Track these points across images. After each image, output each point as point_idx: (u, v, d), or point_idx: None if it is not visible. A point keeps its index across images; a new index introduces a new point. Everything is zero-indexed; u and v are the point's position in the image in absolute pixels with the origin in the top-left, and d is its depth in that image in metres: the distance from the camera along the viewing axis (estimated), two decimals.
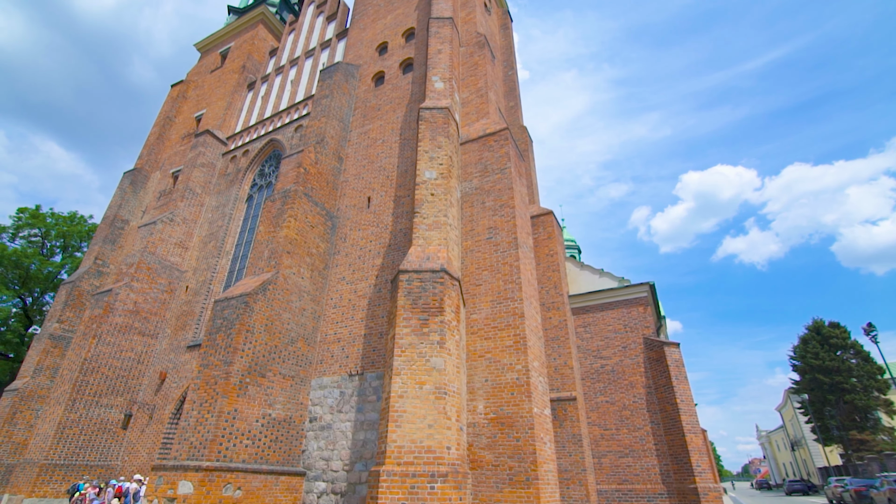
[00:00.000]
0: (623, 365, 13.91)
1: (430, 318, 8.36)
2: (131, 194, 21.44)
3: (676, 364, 12.99)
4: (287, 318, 11.36)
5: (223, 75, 24.50)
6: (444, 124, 11.76)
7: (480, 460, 8.85)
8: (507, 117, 20.21)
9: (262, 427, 10.02)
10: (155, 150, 23.12)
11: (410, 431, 7.39)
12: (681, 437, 12.12)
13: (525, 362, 9.30)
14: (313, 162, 13.81)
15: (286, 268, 11.69)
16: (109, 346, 14.88)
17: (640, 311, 14.38)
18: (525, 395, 9.01)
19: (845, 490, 18.45)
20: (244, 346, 10.03)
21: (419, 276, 8.81)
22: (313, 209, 13.19)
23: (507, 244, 10.83)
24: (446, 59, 13.94)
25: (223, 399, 9.38)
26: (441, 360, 7.96)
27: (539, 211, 16.65)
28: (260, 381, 10.23)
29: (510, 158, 12.02)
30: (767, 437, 57.08)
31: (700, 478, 11.54)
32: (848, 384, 28.54)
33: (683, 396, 12.56)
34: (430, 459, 7.19)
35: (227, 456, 9.14)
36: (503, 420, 9.01)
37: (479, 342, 9.97)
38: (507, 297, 10.19)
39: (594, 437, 13.40)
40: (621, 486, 12.55)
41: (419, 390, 7.70)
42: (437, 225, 10.14)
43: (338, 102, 15.82)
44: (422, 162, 11.10)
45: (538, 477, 8.29)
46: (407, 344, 8.12)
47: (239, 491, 9.04)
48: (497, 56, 22.23)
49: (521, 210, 11.84)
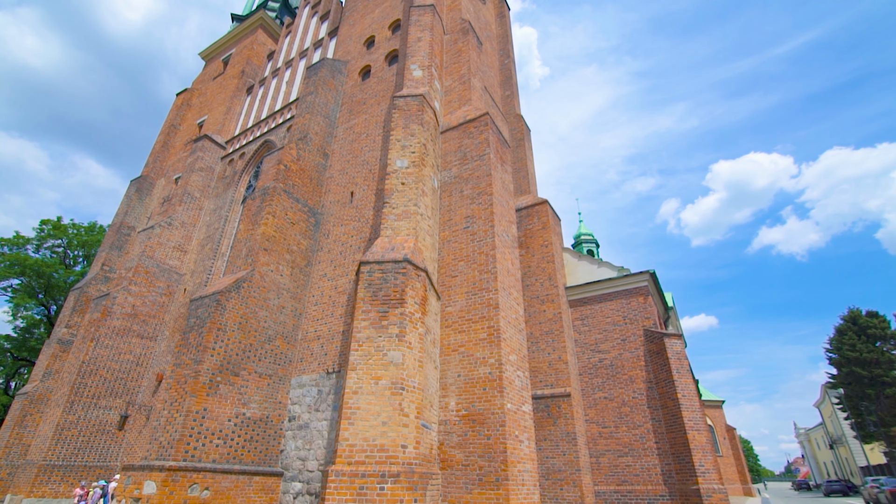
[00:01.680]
0: (622, 359, 13.14)
1: (390, 311, 7.95)
2: (137, 201, 21.94)
3: (678, 356, 12.15)
4: (264, 316, 11.17)
5: (224, 81, 24.84)
6: (417, 112, 11.35)
7: (451, 459, 8.38)
8: (503, 106, 19.63)
9: (234, 427, 9.84)
10: (160, 157, 23.63)
11: (363, 429, 7.00)
12: (683, 435, 11.28)
13: (498, 356, 8.78)
14: (295, 158, 13.64)
15: (263, 265, 11.51)
16: (107, 349, 15.13)
17: (640, 301, 13.56)
18: (497, 391, 8.48)
19: (880, 491, 16.96)
20: (215, 345, 9.88)
21: (381, 266, 8.42)
22: (294, 206, 13.00)
23: (484, 233, 10.33)
24: (426, 47, 13.53)
25: (191, 398, 9.23)
26: (399, 353, 7.54)
27: (533, 200, 16.02)
28: (233, 380, 10.06)
29: (489, 145, 11.50)
30: (806, 434, 53.81)
31: (703, 478, 10.69)
32: (889, 377, 26.44)
33: (685, 391, 11.71)
34: (382, 458, 6.78)
35: (196, 456, 8.98)
36: (474, 417, 8.51)
37: (453, 336, 9.51)
38: (483, 288, 9.68)
39: (592, 435, 12.69)
40: (620, 486, 11.80)
41: (374, 386, 7.30)
42: (407, 215, 9.73)
43: (323, 99, 15.64)
44: (393, 151, 10.73)
45: (508, 477, 7.75)
46: (364, 338, 7.74)
47: (206, 491, 8.86)
48: (493, 45, 21.67)
49: (502, 198, 11.29)
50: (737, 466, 32.45)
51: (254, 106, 21.88)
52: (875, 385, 27.15)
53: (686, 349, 21.88)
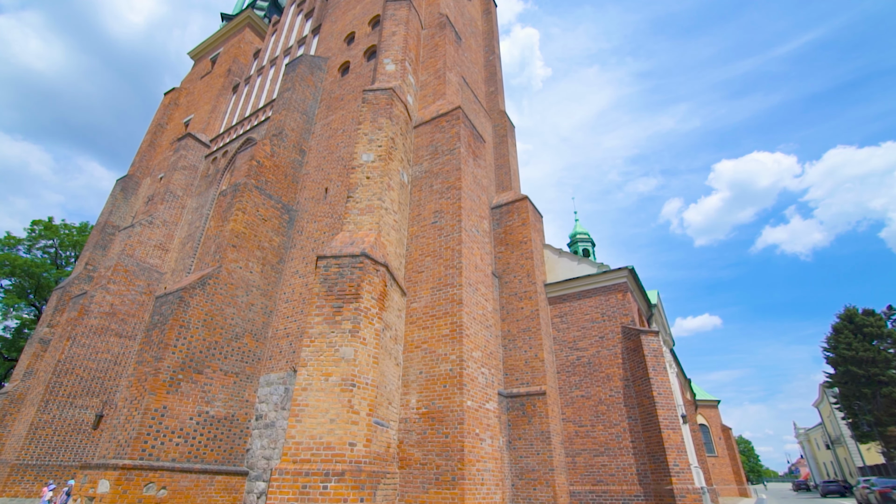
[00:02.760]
0: (600, 356, 12.91)
1: (345, 306, 7.78)
2: (122, 200, 21.88)
3: (654, 353, 11.91)
4: (231, 314, 11.03)
5: (211, 80, 24.78)
6: (386, 105, 11.19)
7: (409, 458, 8.19)
8: (487, 102, 19.45)
9: (196, 425, 9.69)
10: (146, 156, 23.58)
11: (311, 427, 6.82)
12: (658, 434, 11.05)
13: (460, 352, 8.59)
14: (268, 155, 13.50)
15: (231, 262, 11.37)
16: (84, 348, 15.04)
17: (619, 297, 13.33)
18: (457, 388, 8.29)
19: (871, 491, 16.62)
20: (177, 342, 9.74)
21: (337, 261, 8.25)
22: (266, 202, 12.87)
23: (451, 228, 10.14)
24: (400, 41, 13.37)
25: (150, 396, 9.09)
26: (351, 349, 7.36)
27: (513, 197, 15.84)
28: (196, 378, 9.91)
29: (460, 139, 11.32)
30: (806, 435, 53.18)
31: (677, 478, 10.45)
32: (885, 376, 26.03)
33: (661, 389, 11.48)
34: (327, 457, 6.60)
35: (154, 454, 8.84)
36: (434, 415, 8.33)
37: (417, 332, 9.33)
38: (447, 284, 9.50)
39: (568, 434, 12.47)
40: (595, 486, 11.58)
41: (324, 382, 7.13)
42: (370, 209, 9.56)
43: (300, 95, 15.51)
44: (360, 145, 10.56)
45: (465, 476, 7.56)
46: (317, 333, 7.57)
47: (164, 490, 8.71)
48: (478, 41, 21.50)
49: (473, 193, 11.11)
50: (732, 467, 32.10)
51: (238, 104, 21.78)
52: (871, 384, 26.74)
53: (675, 347, 21.58)
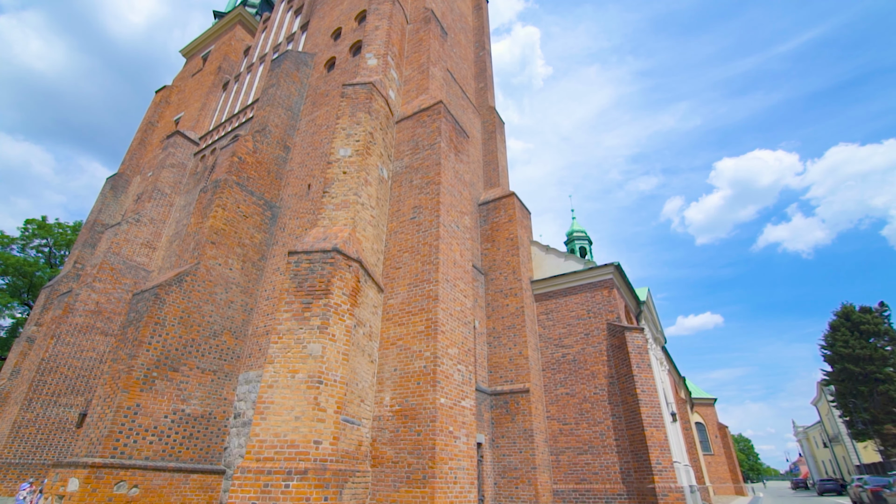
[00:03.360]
0: (585, 353, 12.78)
1: (314, 302, 7.66)
2: (112, 199, 21.81)
3: (638, 350, 11.78)
4: (209, 311, 10.93)
5: (202, 78, 24.68)
6: (366, 100, 11.05)
7: (382, 456, 8.08)
8: (476, 99, 19.31)
9: (172, 423, 9.59)
10: (137, 154, 23.50)
11: (275, 424, 6.71)
12: (641, 432, 10.91)
13: (434, 349, 8.47)
14: (250, 151, 13.39)
15: (210, 258, 11.27)
16: (69, 346, 14.97)
17: (605, 294, 13.19)
18: (430, 385, 8.17)
19: (863, 490, 16.44)
20: (151, 340, 9.64)
21: (308, 257, 8.13)
22: (248, 198, 12.76)
23: (429, 223, 10.02)
24: (382, 35, 13.24)
25: (123, 394, 8.99)
26: (319, 346, 7.25)
27: (501, 193, 15.71)
28: (171, 376, 9.82)
29: (441, 133, 11.18)
30: (805, 433, 52.92)
31: (660, 477, 10.32)
32: (882, 374, 25.80)
33: (645, 386, 11.34)
34: (291, 455, 6.49)
35: (126, 452, 8.74)
36: (407, 412, 8.21)
37: (393, 329, 9.21)
38: (424, 280, 9.37)
39: (553, 432, 12.35)
40: (579, 485, 11.45)
41: (291, 379, 7.02)
42: (346, 204, 9.44)
43: (285, 91, 15.39)
44: (337, 140, 10.44)
45: (435, 475, 7.44)
46: (285, 330, 7.46)
47: (135, 489, 8.62)
48: (468, 37, 21.35)
49: (453, 188, 10.97)
50: (728, 465, 31.93)
51: (228, 101, 21.67)
52: (868, 382, 26.52)
53: (675, 345, 21.37)
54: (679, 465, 14.34)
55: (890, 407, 25.34)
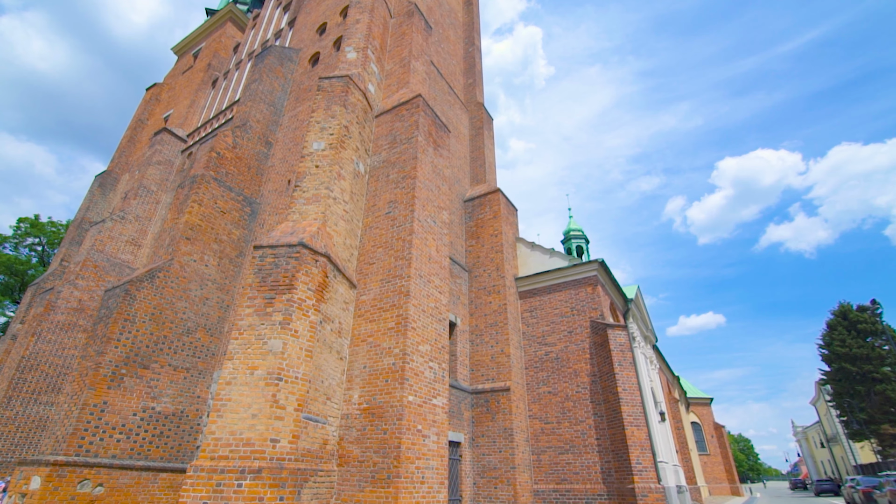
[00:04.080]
0: (568, 351, 12.57)
1: (277, 297, 7.49)
2: (100, 196, 21.71)
3: (621, 348, 11.57)
4: (183, 307, 10.78)
5: (192, 75, 24.56)
6: (342, 93, 10.88)
7: (348, 455, 7.90)
8: (464, 94, 19.11)
9: (141, 421, 9.44)
10: (126, 152, 23.40)
11: (232, 422, 6.54)
12: (622, 431, 10.70)
13: (403, 345, 8.28)
14: (229, 146, 13.24)
15: (184, 254, 11.12)
16: (50, 344, 14.84)
17: (589, 291, 12.98)
18: (398, 382, 7.99)
19: (855, 490, 16.19)
20: (121, 336, 9.49)
21: (273, 251, 7.96)
22: (226, 194, 12.60)
23: (404, 218, 9.83)
24: (363, 29, 13.06)
25: (89, 391, 8.85)
26: (280, 342, 7.07)
27: (486, 190, 15.52)
28: (141, 373, 9.67)
29: (418, 127, 11.00)
30: (804, 433, 52.49)
31: (639, 477, 10.11)
32: (879, 373, 25.47)
33: (626, 385, 11.13)
34: (246, 454, 6.32)
35: (91, 451, 8.59)
36: (374, 410, 8.03)
37: (364, 325, 9.03)
38: (396, 275, 9.19)
39: (535, 431, 12.15)
40: (560, 485, 11.25)
41: (249, 376, 6.85)
42: (317, 198, 9.26)
43: (267, 86, 15.23)
44: (311, 133, 10.26)
45: (400, 475, 7.26)
46: (246, 325, 7.28)
47: (100, 487, 8.47)
48: (458, 33, 21.15)
49: (430, 182, 10.78)
50: (724, 465, 31.66)
51: (216, 98, 21.53)
52: (865, 381, 26.18)
53: (658, 343, 21.07)
54: (666, 465, 14.12)
55: (887, 407, 25.02)
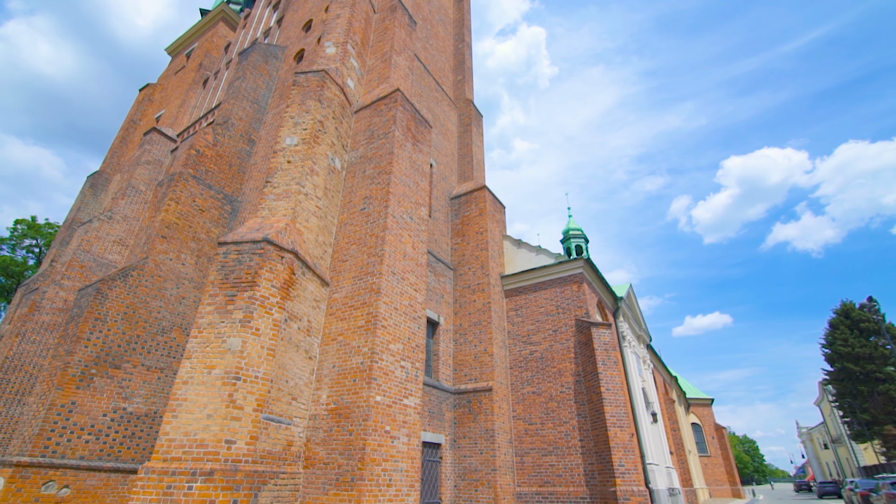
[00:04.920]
0: (553, 350, 12.31)
1: (238, 294, 7.30)
2: (91, 197, 21.68)
3: (605, 347, 11.29)
4: (157, 307, 10.63)
5: (184, 75, 24.53)
6: (317, 87, 10.69)
7: (314, 457, 7.70)
8: (453, 91, 18.90)
9: (111, 422, 9.30)
10: (118, 152, 23.38)
11: (186, 423, 6.36)
12: (605, 432, 10.43)
13: (372, 344, 8.08)
14: (210, 144, 13.10)
15: (160, 253, 10.98)
16: (34, 345, 14.76)
17: (574, 289, 12.71)
18: (365, 382, 7.78)
19: (854, 493, 15.78)
20: (91, 336, 9.35)
21: (237, 248, 7.77)
22: (205, 192, 12.46)
23: (378, 214, 9.63)
24: (343, 24, 12.88)
25: (57, 391, 8.72)
26: (239, 340, 6.88)
27: (472, 187, 15.30)
28: (112, 373, 9.53)
29: (395, 121, 10.79)
30: (809, 434, 51.69)
31: (622, 479, 9.83)
32: (882, 373, 24.94)
33: (610, 385, 10.86)
34: (199, 455, 6.13)
35: (58, 451, 8.46)
36: (341, 411, 7.83)
37: (335, 323, 8.83)
38: (368, 272, 8.99)
39: (518, 432, 11.89)
40: (542, 488, 10.99)
41: (207, 375, 6.66)
42: (287, 194, 9.08)
43: (250, 84, 15.09)
44: (284, 128, 10.08)
45: (364, 477, 7.04)
46: (206, 324, 7.10)
47: (66, 489, 8.33)
48: (448, 29, 20.95)
49: (407, 177, 10.57)
50: (725, 467, 31.18)
51: (206, 98, 21.47)
52: (868, 381, 25.66)
53: (652, 342, 20.71)
54: (657, 466, 13.81)
55: (890, 407, 24.48)
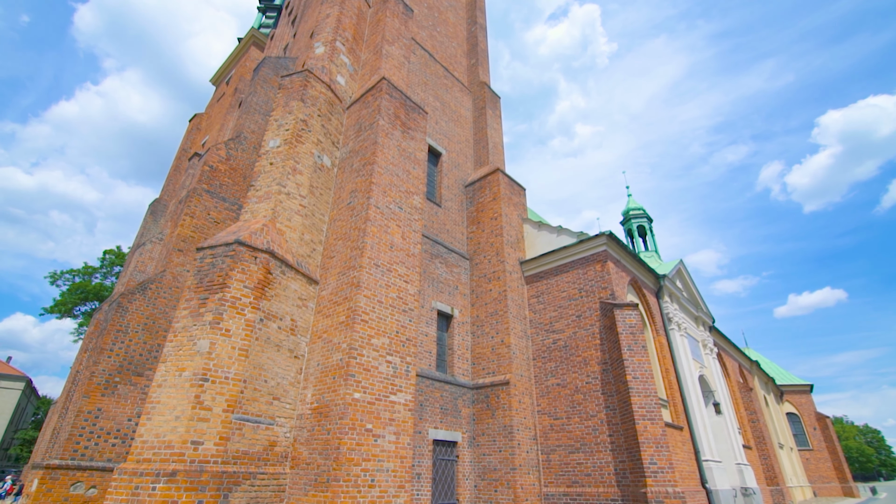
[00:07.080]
0: (577, 338, 11.25)
1: (210, 297, 7.32)
2: (152, 223, 23.80)
3: (630, 331, 10.06)
4: None
5: (224, 101, 26.21)
6: (300, 88, 10.64)
7: (298, 457, 7.53)
8: (467, 76, 18.23)
9: (135, 426, 9.86)
10: (173, 180, 25.50)
11: (158, 424, 6.43)
12: (634, 426, 9.24)
13: (351, 339, 7.75)
14: (223, 159, 13.65)
15: (177, 265, 11.56)
16: None
17: (598, 269, 11.53)
18: (342, 379, 7.47)
19: None
20: (113, 346, 10.02)
21: (212, 251, 7.83)
22: (219, 205, 12.98)
23: (361, 206, 9.33)
24: (332, 22, 12.80)
25: (84, 399, 9.41)
26: (207, 342, 6.87)
27: (485, 171, 14.58)
28: (135, 381, 10.13)
29: (380, 111, 10.44)
30: None
31: (653, 479, 8.61)
32: None
33: (637, 372, 9.63)
34: (166, 456, 6.15)
35: (86, 455, 9.11)
36: (322, 409, 7.58)
37: (322, 321, 8.65)
38: (350, 266, 8.70)
39: (543, 428, 10.99)
40: (570, 488, 10.01)
41: (178, 377, 6.71)
42: (268, 195, 9.06)
43: (262, 97, 15.57)
44: (269, 132, 10.13)
45: (339, 478, 6.72)
46: (181, 327, 7.19)
47: (93, 489, 8.93)
48: (459, 14, 20.33)
49: (393, 166, 10.17)
50: (832, 461, 27.16)
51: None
52: None
53: (715, 324, 18.36)
54: (717, 464, 12.15)
55: None
